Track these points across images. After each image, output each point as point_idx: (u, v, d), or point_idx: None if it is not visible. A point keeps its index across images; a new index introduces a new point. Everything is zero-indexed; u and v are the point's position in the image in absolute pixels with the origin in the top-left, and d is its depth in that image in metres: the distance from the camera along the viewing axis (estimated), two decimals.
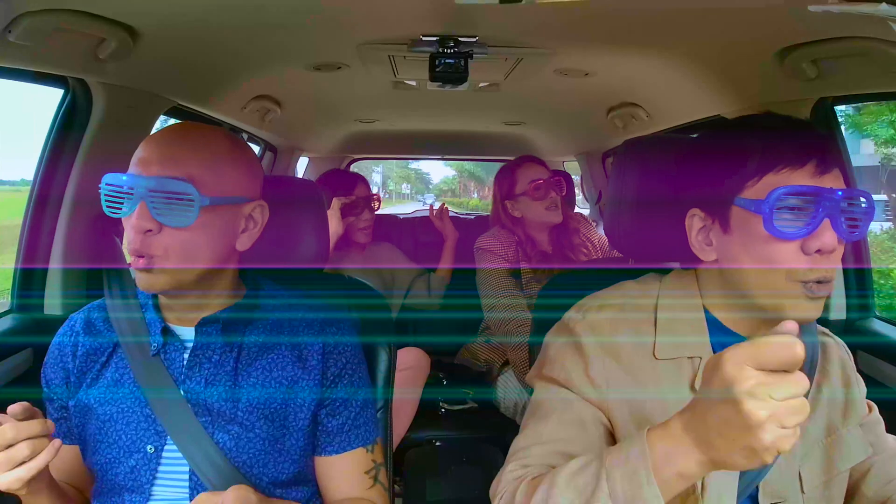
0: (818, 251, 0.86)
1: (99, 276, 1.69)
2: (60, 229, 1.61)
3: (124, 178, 0.98)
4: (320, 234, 1.29)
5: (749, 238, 0.90)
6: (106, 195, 1.01)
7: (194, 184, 0.96)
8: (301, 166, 4.11)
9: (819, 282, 0.88)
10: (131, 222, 0.97)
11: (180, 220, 0.97)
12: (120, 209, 0.99)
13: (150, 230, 0.96)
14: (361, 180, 2.59)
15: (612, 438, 0.96)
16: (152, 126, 1.84)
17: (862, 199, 0.90)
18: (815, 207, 0.86)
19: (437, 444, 2.02)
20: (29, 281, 1.63)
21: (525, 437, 0.98)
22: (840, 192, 0.86)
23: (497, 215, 2.39)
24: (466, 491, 1.62)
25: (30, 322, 1.60)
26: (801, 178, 0.87)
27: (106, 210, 1.01)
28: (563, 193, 2.34)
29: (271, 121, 2.56)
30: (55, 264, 1.63)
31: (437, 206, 2.89)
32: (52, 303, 1.64)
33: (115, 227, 1.71)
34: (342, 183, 2.55)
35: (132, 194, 0.97)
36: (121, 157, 1.70)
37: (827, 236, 0.86)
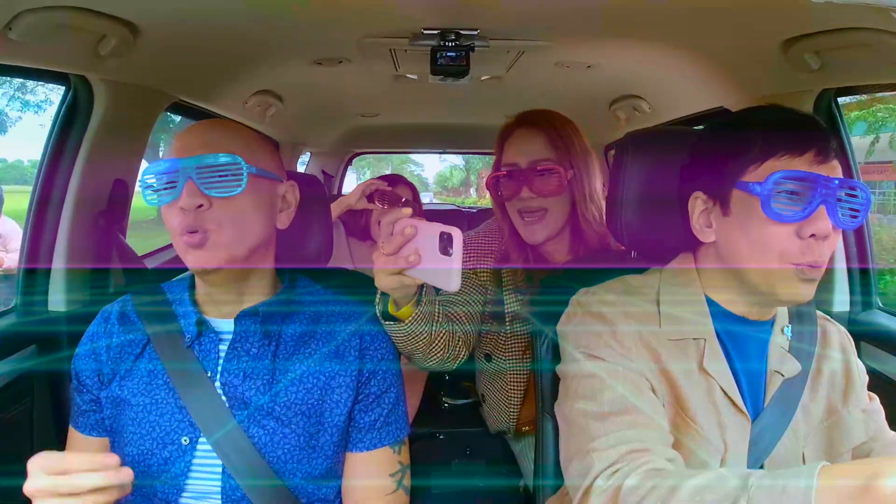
0: (812, 236, 0.90)
1: (102, 273, 1.71)
2: (63, 226, 1.62)
3: (167, 164, 1.00)
4: (323, 229, 1.29)
5: (747, 220, 0.94)
6: (147, 185, 1.02)
7: (239, 156, 1.00)
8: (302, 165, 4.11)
9: (811, 265, 0.91)
10: (179, 204, 0.98)
11: (231, 189, 1.00)
12: (166, 196, 1.00)
13: (201, 205, 0.98)
14: (407, 184, 2.60)
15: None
16: (154, 122, 1.84)
17: (859, 190, 0.93)
18: (811, 193, 0.90)
19: (441, 436, 2.02)
20: (33, 278, 1.64)
21: (586, 437, 0.91)
22: (837, 181, 0.90)
23: None
24: (471, 483, 1.63)
25: (34, 320, 1.61)
26: (801, 165, 0.91)
27: (148, 200, 1.03)
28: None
29: (273, 116, 2.56)
30: (59, 261, 1.63)
31: (435, 202, 2.88)
32: (56, 300, 1.65)
33: (119, 223, 1.71)
34: (385, 179, 2.59)
35: (177, 177, 0.99)
36: (124, 154, 1.72)
37: (822, 222, 0.89)
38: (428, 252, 0.99)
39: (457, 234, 0.96)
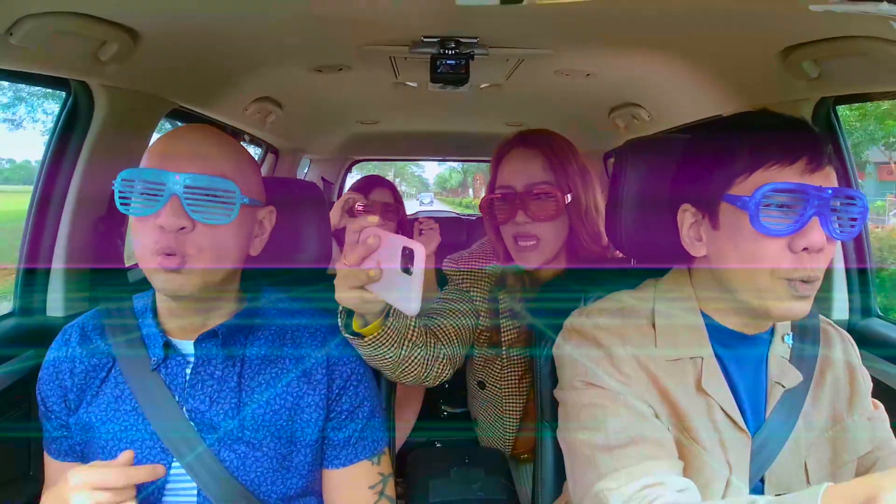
0: (805, 249, 0.86)
1: (101, 278, 1.71)
2: (63, 231, 1.61)
3: (150, 173, 0.92)
4: (322, 235, 1.29)
5: (737, 234, 0.90)
6: (123, 191, 0.94)
7: (232, 181, 0.95)
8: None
9: (804, 281, 0.88)
10: (159, 220, 0.91)
11: (220, 218, 0.94)
12: (143, 206, 0.93)
13: (183, 227, 0.92)
14: (386, 185, 2.55)
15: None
16: (154, 128, 1.85)
17: (854, 199, 0.89)
18: (802, 205, 0.86)
19: (439, 444, 2.01)
20: (31, 283, 1.63)
21: (595, 472, 0.89)
22: (830, 191, 0.86)
23: None
24: (469, 492, 1.62)
25: (32, 324, 1.60)
26: (790, 175, 0.87)
27: (121, 207, 0.94)
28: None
29: (273, 122, 2.57)
30: (58, 265, 1.63)
31: (435, 203, 2.85)
32: (55, 305, 1.64)
33: (118, 228, 1.71)
34: (362, 185, 2.56)
35: (162, 190, 0.91)
36: (123, 159, 1.73)
37: (815, 234, 0.86)
38: (390, 267, 0.89)
39: (419, 251, 0.85)
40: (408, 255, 0.85)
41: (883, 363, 1.51)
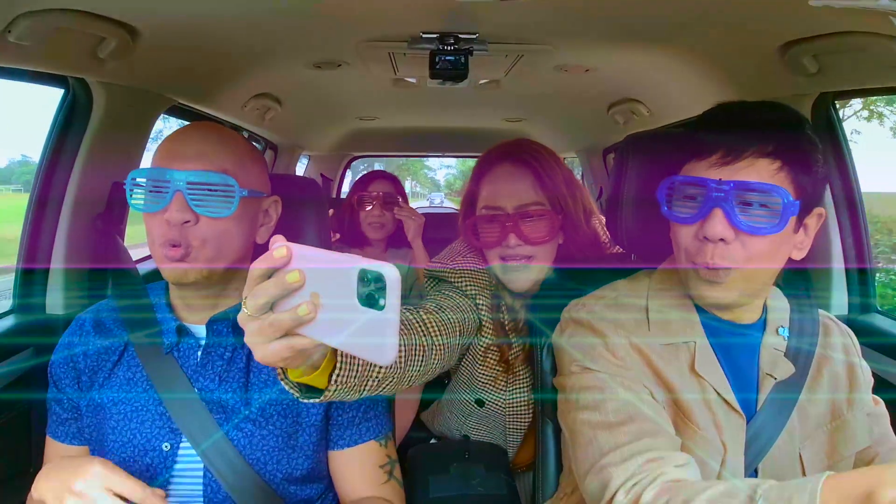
0: (705, 237, 0.91)
1: (100, 276, 1.70)
2: (62, 228, 1.61)
3: (157, 172, 0.99)
4: (321, 231, 1.29)
5: (672, 224, 0.99)
6: (133, 189, 1.01)
7: (232, 176, 1.00)
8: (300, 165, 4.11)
9: (706, 267, 0.92)
10: (165, 215, 0.97)
11: (220, 211, 0.99)
12: (152, 203, 0.99)
13: (188, 221, 0.98)
14: (384, 177, 2.60)
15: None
16: (153, 125, 1.84)
17: (767, 192, 0.88)
18: (703, 197, 0.91)
19: (433, 440, 2.02)
20: (30, 280, 1.63)
21: (598, 449, 0.91)
22: (732, 184, 0.88)
23: None
24: (469, 488, 1.62)
25: (31, 322, 1.60)
26: (700, 169, 0.92)
27: (133, 205, 1.02)
28: None
29: (272, 119, 2.56)
30: (57, 264, 1.63)
31: (446, 202, 2.85)
32: (54, 303, 1.64)
33: (117, 225, 1.71)
34: (362, 180, 2.62)
35: (167, 187, 0.98)
36: (122, 156, 1.72)
37: (713, 225, 0.89)
38: (337, 300, 0.60)
39: (389, 274, 0.57)
40: (371, 282, 0.58)
41: (883, 359, 1.51)
